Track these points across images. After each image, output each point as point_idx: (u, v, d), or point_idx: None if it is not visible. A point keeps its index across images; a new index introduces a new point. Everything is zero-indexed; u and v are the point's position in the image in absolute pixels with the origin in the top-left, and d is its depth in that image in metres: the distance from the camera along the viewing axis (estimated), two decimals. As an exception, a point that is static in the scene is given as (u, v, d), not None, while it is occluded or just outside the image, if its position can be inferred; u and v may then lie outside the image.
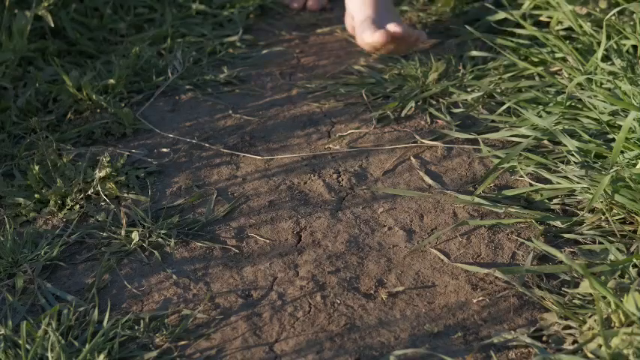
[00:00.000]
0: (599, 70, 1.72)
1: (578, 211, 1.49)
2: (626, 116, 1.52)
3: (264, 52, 2.05)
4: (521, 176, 1.57)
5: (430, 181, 1.60)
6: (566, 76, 1.77)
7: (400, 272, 1.42)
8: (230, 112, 1.85)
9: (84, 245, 1.53)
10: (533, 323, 1.31)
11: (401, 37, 1.93)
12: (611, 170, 1.47)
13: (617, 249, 1.39)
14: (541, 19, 1.97)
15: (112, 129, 1.80)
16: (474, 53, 1.91)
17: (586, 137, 1.58)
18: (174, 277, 1.45)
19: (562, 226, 1.46)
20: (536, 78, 1.81)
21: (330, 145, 1.72)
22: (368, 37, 1.94)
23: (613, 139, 1.55)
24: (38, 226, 1.57)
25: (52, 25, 2.01)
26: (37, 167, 1.65)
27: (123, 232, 1.52)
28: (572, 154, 1.56)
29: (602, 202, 1.46)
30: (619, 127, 1.54)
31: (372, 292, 1.39)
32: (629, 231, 1.43)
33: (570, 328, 1.28)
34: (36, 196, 1.62)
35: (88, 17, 2.12)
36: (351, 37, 2.07)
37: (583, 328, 1.27)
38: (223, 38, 2.09)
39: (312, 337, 1.33)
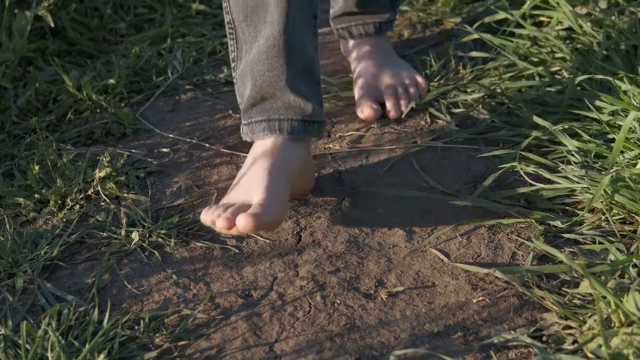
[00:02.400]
0: (599, 70, 1.72)
1: (578, 211, 1.49)
2: (626, 116, 1.52)
3: (264, 52, 2.05)
4: (521, 176, 1.57)
5: (430, 181, 1.59)
6: (566, 76, 1.77)
7: (400, 272, 1.42)
8: (230, 112, 1.84)
9: (84, 245, 1.53)
10: (533, 323, 1.31)
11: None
12: (611, 170, 1.47)
13: (617, 249, 1.39)
14: (541, 19, 1.97)
15: (112, 129, 1.80)
16: (474, 53, 1.91)
17: (586, 137, 1.58)
18: (174, 277, 1.45)
19: (562, 226, 1.46)
20: (536, 78, 1.81)
21: (330, 145, 1.72)
22: (360, 114, 1.78)
23: (613, 139, 1.55)
24: (38, 226, 1.57)
25: (52, 25, 2.01)
26: (37, 167, 1.65)
27: (123, 232, 1.52)
28: (572, 154, 1.56)
29: (602, 202, 1.46)
30: (619, 127, 1.54)
31: (372, 292, 1.39)
32: (629, 231, 1.43)
33: (570, 328, 1.28)
34: (36, 196, 1.62)
35: (88, 17, 2.12)
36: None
37: (583, 328, 1.27)
38: (223, 38, 2.09)
39: (312, 337, 1.33)
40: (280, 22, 1.47)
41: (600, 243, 1.41)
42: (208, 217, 1.41)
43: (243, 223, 1.36)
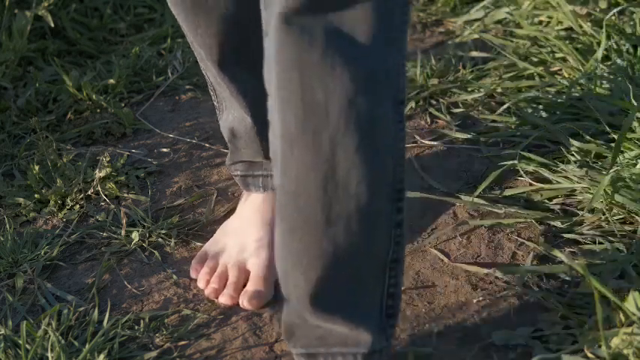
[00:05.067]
0: (599, 70, 1.72)
1: (578, 211, 1.49)
2: (626, 116, 1.52)
3: (264, 52, 2.05)
4: (521, 176, 1.57)
5: (430, 181, 1.59)
6: (566, 76, 1.77)
7: (400, 272, 1.42)
8: (230, 112, 1.84)
9: (84, 245, 1.53)
10: (533, 323, 1.31)
11: None
12: (611, 170, 1.47)
13: (617, 249, 1.39)
14: (541, 19, 1.97)
15: (112, 129, 1.80)
16: (474, 53, 1.91)
17: (586, 137, 1.58)
18: (174, 277, 1.45)
19: (562, 226, 1.46)
20: (536, 78, 1.80)
21: (330, 145, 1.72)
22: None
23: (613, 139, 1.55)
24: (38, 226, 1.57)
25: (52, 25, 2.01)
26: (37, 167, 1.65)
27: (123, 232, 1.52)
28: (572, 154, 1.56)
29: (602, 202, 1.46)
30: (619, 127, 1.54)
31: (372, 292, 1.39)
32: (629, 231, 1.43)
33: (570, 328, 1.28)
34: (36, 196, 1.62)
35: (88, 17, 2.12)
36: None
37: (583, 328, 1.27)
38: (223, 38, 2.09)
39: (312, 337, 1.33)
40: (246, 111, 1.38)
41: (600, 243, 1.41)
42: (202, 280, 1.41)
43: (247, 304, 1.37)
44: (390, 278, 1.12)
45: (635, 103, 1.56)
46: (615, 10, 1.85)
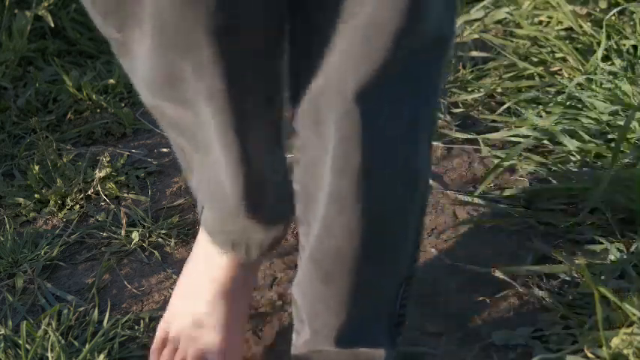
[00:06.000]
0: (599, 70, 1.72)
1: (578, 211, 1.49)
2: (626, 116, 1.52)
3: (264, 52, 2.05)
4: (521, 176, 1.57)
5: (430, 181, 1.59)
6: (566, 76, 1.77)
7: (400, 272, 1.42)
8: (230, 112, 1.84)
9: (84, 245, 1.53)
10: (533, 323, 1.31)
11: None
12: (611, 170, 1.47)
13: (617, 249, 1.39)
14: (541, 19, 1.97)
15: (112, 129, 1.80)
16: (474, 53, 1.91)
17: (586, 137, 1.58)
18: (174, 277, 1.45)
19: (562, 226, 1.46)
20: (536, 78, 1.80)
21: (330, 145, 1.72)
22: None
23: (613, 139, 1.55)
24: (38, 226, 1.57)
25: (52, 25, 2.01)
26: (37, 167, 1.65)
27: (123, 232, 1.52)
28: (572, 154, 1.56)
29: (602, 202, 1.46)
30: (619, 127, 1.54)
31: (372, 292, 1.39)
32: (629, 231, 1.43)
33: (570, 328, 1.28)
34: (36, 196, 1.62)
35: (88, 17, 2.12)
36: None
37: (583, 328, 1.27)
38: (223, 38, 2.09)
39: (312, 337, 1.33)
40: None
41: (600, 243, 1.41)
42: None
43: None
44: (403, 292, 1.15)
45: (635, 103, 1.56)
46: (615, 10, 1.85)
